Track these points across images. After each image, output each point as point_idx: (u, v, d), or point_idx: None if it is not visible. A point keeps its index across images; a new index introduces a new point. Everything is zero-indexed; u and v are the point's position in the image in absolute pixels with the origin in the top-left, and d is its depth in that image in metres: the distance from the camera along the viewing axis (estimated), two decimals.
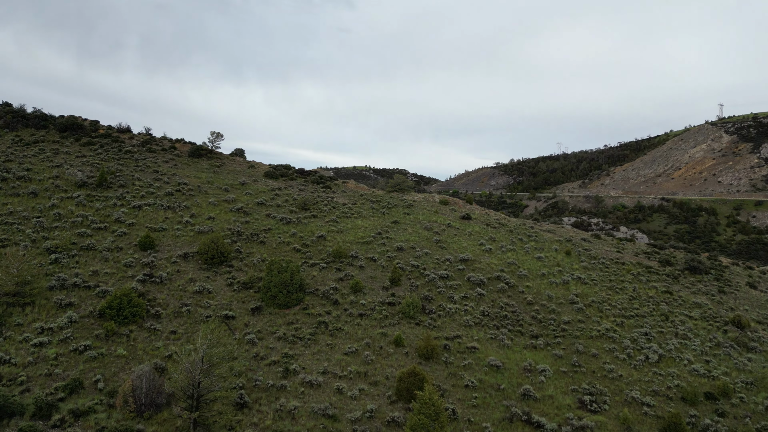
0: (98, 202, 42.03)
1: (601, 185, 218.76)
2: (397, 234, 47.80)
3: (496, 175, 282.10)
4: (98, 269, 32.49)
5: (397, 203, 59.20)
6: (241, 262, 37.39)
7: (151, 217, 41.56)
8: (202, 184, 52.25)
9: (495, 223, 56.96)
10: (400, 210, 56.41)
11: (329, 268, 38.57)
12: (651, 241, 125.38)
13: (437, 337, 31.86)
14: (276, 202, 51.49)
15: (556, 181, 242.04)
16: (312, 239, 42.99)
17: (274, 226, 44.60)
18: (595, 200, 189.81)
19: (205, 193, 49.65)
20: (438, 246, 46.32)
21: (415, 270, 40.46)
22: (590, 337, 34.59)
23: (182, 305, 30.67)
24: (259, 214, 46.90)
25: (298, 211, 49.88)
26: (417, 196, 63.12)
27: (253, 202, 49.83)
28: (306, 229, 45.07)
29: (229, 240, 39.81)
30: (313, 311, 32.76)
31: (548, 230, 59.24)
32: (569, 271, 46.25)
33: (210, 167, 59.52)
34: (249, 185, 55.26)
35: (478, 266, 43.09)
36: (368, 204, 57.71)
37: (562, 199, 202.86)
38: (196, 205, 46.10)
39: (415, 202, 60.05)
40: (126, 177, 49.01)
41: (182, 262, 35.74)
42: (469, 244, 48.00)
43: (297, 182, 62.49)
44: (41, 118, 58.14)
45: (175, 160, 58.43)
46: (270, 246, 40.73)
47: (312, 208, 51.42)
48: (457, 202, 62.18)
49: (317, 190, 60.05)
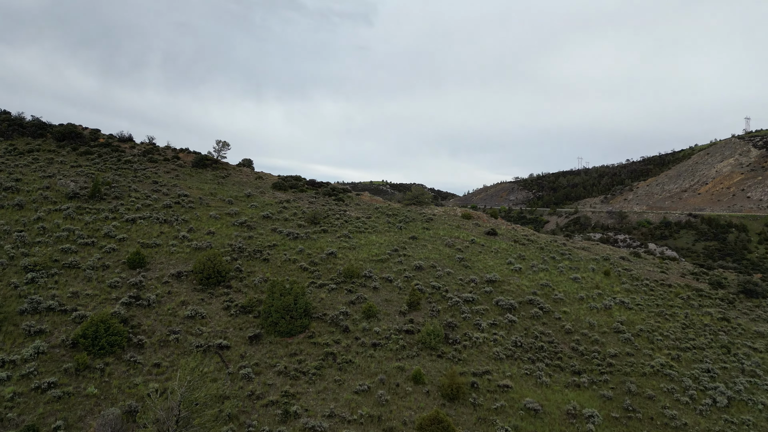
0: (88, 214, 39.43)
1: (624, 200, 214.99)
2: (416, 251, 44.20)
3: (516, 190, 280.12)
4: (79, 290, 29.56)
5: (416, 217, 55.69)
6: (240, 282, 34.18)
7: (145, 231, 38.76)
8: (205, 195, 49.54)
9: (523, 239, 52.93)
10: (419, 224, 52.85)
11: (339, 290, 35.13)
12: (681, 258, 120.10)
13: (463, 372, 28.01)
14: (283, 215, 48.44)
15: (577, 196, 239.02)
16: (321, 256, 39.67)
17: (279, 241, 41.45)
18: (618, 216, 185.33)
19: (207, 205, 46.86)
20: (461, 265, 42.55)
21: (436, 292, 36.75)
22: (643, 375, 30.29)
23: (170, 333, 27.45)
24: (264, 229, 43.85)
25: (306, 226, 46.71)
26: (437, 210, 59.63)
27: (258, 215, 46.85)
28: (315, 246, 41.80)
29: (229, 257, 36.72)
30: (319, 340, 29.25)
31: (582, 247, 54.95)
32: (610, 294, 41.96)
33: (214, 178, 56.94)
34: (255, 197, 52.41)
35: (508, 288, 39.15)
36: (384, 218, 54.33)
37: (585, 214, 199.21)
38: (195, 218, 43.27)
39: (435, 216, 56.45)
40: (122, 188, 46.54)
41: (174, 282, 32.67)
42: (496, 263, 44.11)
43: (307, 194, 59.51)
44: (38, 126, 56.48)
45: (177, 171, 56.01)
46: (274, 264, 37.50)
47: (322, 222, 48.23)
48: (481, 217, 58.43)
49: (329, 203, 56.94)
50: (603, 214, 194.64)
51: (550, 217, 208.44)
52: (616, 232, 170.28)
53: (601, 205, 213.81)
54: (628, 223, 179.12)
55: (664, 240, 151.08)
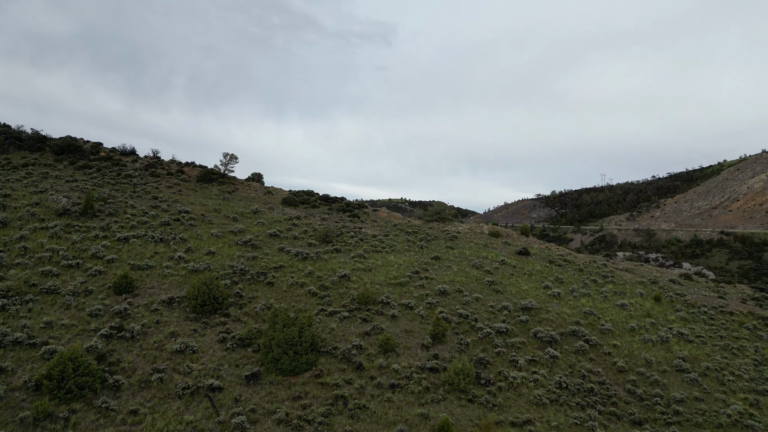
0: (77, 233, 36.70)
1: (651, 218, 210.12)
2: (439, 273, 40.31)
3: (538, 207, 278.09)
4: (54, 319, 26.45)
5: (438, 235, 51.87)
6: (240, 309, 30.75)
7: (138, 251, 35.79)
8: (208, 212, 46.64)
9: (559, 259, 48.56)
10: (442, 243, 48.98)
11: (352, 318, 31.41)
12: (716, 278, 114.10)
13: (500, 421, 23.88)
14: (292, 233, 45.16)
15: (602, 213, 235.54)
16: (332, 279, 36.09)
17: (287, 262, 38.05)
18: (646, 233, 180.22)
19: (209, 222, 43.89)
20: (491, 289, 38.47)
21: (463, 321, 32.75)
22: (719, 426, 25.66)
23: (154, 371, 24.03)
24: (270, 248, 40.57)
25: (317, 245, 43.30)
26: (461, 227, 55.72)
27: (264, 233, 43.65)
28: (326, 267, 38.28)
29: (229, 280, 33.41)
30: (328, 380, 25.49)
31: (626, 269, 50.25)
32: (664, 323, 37.33)
33: (220, 193, 54.16)
34: (262, 214, 49.33)
35: (546, 317, 34.91)
36: (403, 236, 50.63)
37: (610, 232, 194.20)
38: (195, 237, 40.25)
39: (460, 234, 52.56)
40: (118, 204, 43.93)
41: (165, 309, 29.39)
42: (530, 287, 39.91)
43: (319, 210, 56.30)
44: (37, 139, 54.72)
45: (180, 186, 53.41)
46: (279, 288, 34.04)
47: (335, 241, 44.78)
48: (511, 235, 54.35)
49: (342, 219, 53.56)
50: (630, 231, 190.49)
51: (574, 234, 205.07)
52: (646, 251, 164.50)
53: (626, 223, 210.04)
54: (656, 241, 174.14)
55: (696, 259, 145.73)
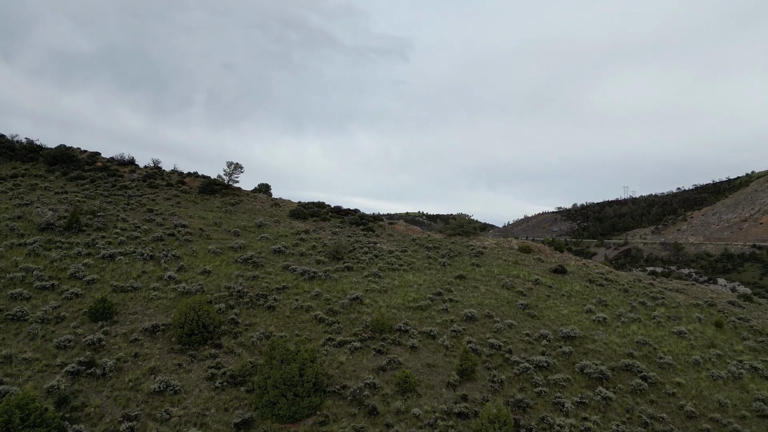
0: (58, 250, 33.59)
1: (678, 231, 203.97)
2: (465, 295, 36.17)
3: (559, 221, 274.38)
4: (15, 352, 23.09)
5: (462, 251, 47.72)
6: (234, 339, 27.04)
7: (123, 270, 32.47)
8: (207, 226, 43.35)
9: (600, 278, 43.97)
10: (467, 260, 44.82)
11: (365, 350, 27.45)
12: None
13: None
14: (299, 249, 41.53)
15: (626, 226, 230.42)
16: (342, 302, 32.23)
17: (291, 282, 34.36)
18: (673, 247, 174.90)
19: (207, 238, 40.54)
20: (526, 314, 34.18)
21: (496, 353, 28.53)
22: None
23: (124, 418, 20.37)
24: (273, 266, 36.96)
25: (327, 262, 39.56)
26: (487, 242, 51.47)
27: (268, 249, 40.11)
28: (336, 288, 34.47)
29: (224, 304, 29.79)
30: (335, 428, 21.54)
31: (676, 289, 45.34)
32: (732, 354, 32.52)
33: (222, 205, 50.95)
34: (267, 227, 45.87)
35: (592, 347, 30.46)
36: (422, 251, 46.63)
37: (635, 246, 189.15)
38: (190, 253, 36.86)
39: (486, 250, 48.34)
40: (108, 217, 40.90)
41: (146, 339, 25.84)
42: (571, 311, 35.48)
43: (330, 224, 52.68)
44: (30, 149, 52.40)
45: (180, 197, 50.37)
46: (281, 313, 30.30)
47: (346, 258, 41.01)
48: (543, 250, 49.91)
49: (356, 233, 49.81)
50: (656, 245, 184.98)
51: (598, 248, 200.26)
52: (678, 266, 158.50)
53: (652, 236, 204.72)
54: (684, 255, 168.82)
55: (728, 274, 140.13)
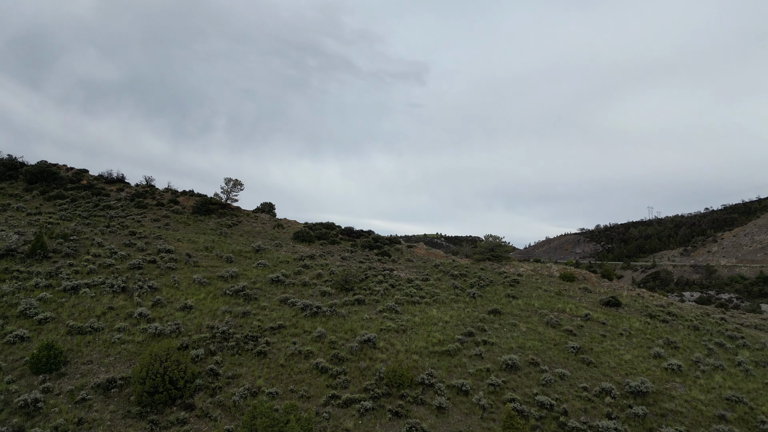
0: (13, 281, 28.84)
1: (708, 253, 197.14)
2: (503, 335, 30.35)
3: (582, 242, 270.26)
4: None
5: (494, 278, 41.91)
6: (211, 397, 21.66)
7: (86, 306, 27.51)
8: (196, 251, 38.45)
9: (660, 312, 37.70)
10: (501, 290, 38.99)
11: (378, 412, 21.82)
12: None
13: None
14: (302, 278, 36.29)
15: (653, 248, 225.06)
16: (351, 346, 26.69)
17: (289, 320, 29.02)
18: (705, 270, 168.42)
19: (195, 265, 35.56)
20: (580, 360, 28.19)
21: (547, 416, 22.61)
22: None
23: None
24: (269, 300, 31.72)
25: (334, 293, 34.20)
26: (522, 267, 45.51)
27: (264, 278, 34.94)
28: (343, 327, 28.99)
29: (203, 350, 24.54)
30: None
31: (754, 325, 38.74)
32: None
33: (217, 227, 46.11)
34: (266, 252, 40.77)
35: (671, 407, 24.31)
36: (447, 280, 40.97)
37: (664, 268, 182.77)
38: (170, 284, 31.85)
39: (522, 278, 42.45)
40: (82, 242, 36.30)
41: (98, 399, 20.63)
42: (635, 357, 29.35)
43: (340, 247, 47.40)
44: (9, 166, 48.52)
45: (170, 218, 45.72)
46: (274, 361, 24.89)
47: (357, 288, 35.61)
48: (589, 278, 43.75)
49: (369, 259, 44.41)
50: (686, 268, 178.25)
51: (624, 271, 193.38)
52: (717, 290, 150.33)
53: (680, 258, 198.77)
54: (717, 278, 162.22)
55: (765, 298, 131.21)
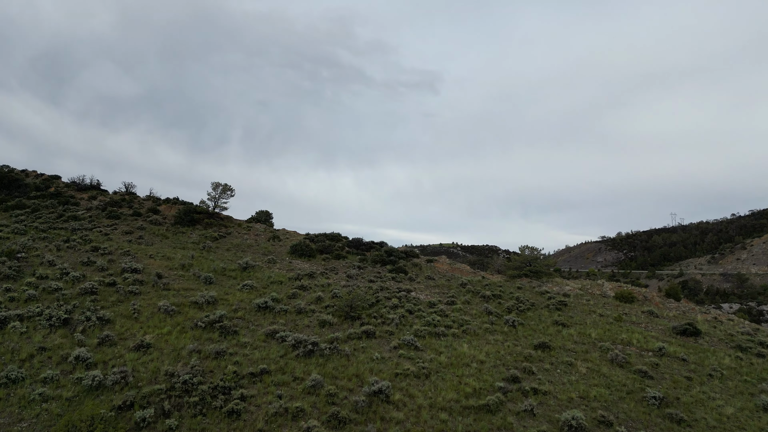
0: None
1: (737, 260, 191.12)
2: (556, 379, 23.59)
3: (603, 251, 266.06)
4: None
5: (535, 300, 35.15)
6: None
7: (10, 346, 21.40)
8: (170, 269, 32.35)
9: (748, 342, 30.59)
10: (546, 315, 32.21)
11: None
12: None
13: None
14: (296, 302, 29.93)
15: (678, 256, 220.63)
16: (356, 401, 20.13)
17: (276, 362, 22.61)
18: (736, 279, 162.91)
19: (164, 287, 29.41)
20: (665, 416, 21.29)
21: None
22: None
23: None
24: (252, 333, 25.38)
25: (336, 323, 27.74)
26: (568, 285, 38.47)
27: (249, 304, 28.64)
28: (346, 371, 22.49)
29: (153, 410, 18.22)
30: None
31: None
32: None
33: (201, 240, 40.04)
34: (256, 270, 34.54)
35: None
36: (478, 302, 34.30)
37: (693, 277, 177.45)
38: (128, 314, 25.69)
39: (569, 298, 35.64)
40: (31, 260, 30.43)
41: None
42: (738, 409, 22.36)
43: (347, 262, 41.00)
44: None
45: (145, 230, 39.76)
46: (250, 425, 18.47)
47: (365, 316, 29.13)
48: (651, 297, 36.58)
49: (381, 277, 37.91)
50: (716, 276, 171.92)
51: (649, 280, 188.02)
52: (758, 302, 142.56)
53: (708, 266, 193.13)
54: (750, 287, 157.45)
55: None
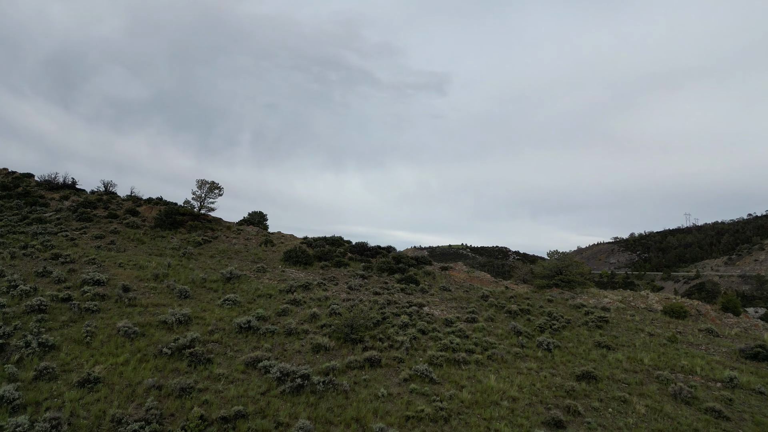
0: None
1: (755, 261, 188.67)
2: (609, 422, 18.87)
3: (616, 252, 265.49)
4: None
5: (571, 316, 30.41)
6: None
7: None
8: (141, 280, 27.98)
9: None
10: (585, 335, 27.47)
11: None
12: None
13: None
14: (286, 321, 25.42)
15: (693, 257, 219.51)
16: None
17: (255, 401, 18.08)
18: (756, 280, 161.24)
19: (130, 303, 25.01)
20: None
21: None
22: None
23: None
24: (230, 362, 20.85)
25: (333, 348, 23.17)
26: (606, 298, 33.36)
27: (229, 324, 24.16)
28: (343, 414, 17.92)
29: None
30: None
31: None
32: None
33: (182, 245, 35.68)
34: (242, 281, 30.10)
35: None
36: (503, 319, 29.62)
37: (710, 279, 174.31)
38: (80, 338, 21.27)
39: (610, 313, 30.85)
40: None
41: None
42: None
43: (349, 270, 36.46)
44: None
45: (119, 234, 35.47)
46: None
47: (369, 338, 24.56)
48: (705, 312, 31.56)
49: (388, 288, 33.34)
50: (734, 278, 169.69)
51: (665, 282, 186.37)
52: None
53: (726, 268, 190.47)
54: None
55: None
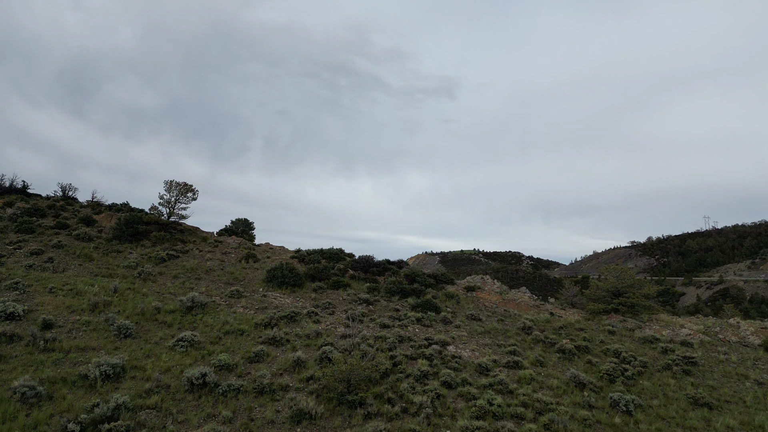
0: None
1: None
2: None
3: (634, 257, 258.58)
4: None
5: (645, 356, 23.37)
6: None
7: None
8: (73, 312, 21.54)
9: None
10: (672, 387, 20.46)
11: None
12: None
13: None
14: (260, 372, 18.72)
15: (715, 261, 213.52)
16: None
17: None
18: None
19: (45, 348, 18.54)
20: None
21: None
22: None
23: None
24: None
25: (321, 417, 16.49)
26: (685, 328, 25.68)
27: (179, 379, 17.59)
28: None
29: None
30: None
31: None
32: None
33: (141, 261, 29.30)
34: (207, 310, 23.56)
35: None
36: (555, 361, 22.82)
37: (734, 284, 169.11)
38: None
39: (697, 354, 23.81)
40: None
41: None
42: None
43: (350, 293, 29.82)
44: None
45: (64, 249, 29.12)
46: None
47: (371, 399, 17.86)
48: None
49: (399, 317, 26.69)
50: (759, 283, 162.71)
51: (686, 288, 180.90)
52: None
53: (749, 272, 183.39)
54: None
55: None
